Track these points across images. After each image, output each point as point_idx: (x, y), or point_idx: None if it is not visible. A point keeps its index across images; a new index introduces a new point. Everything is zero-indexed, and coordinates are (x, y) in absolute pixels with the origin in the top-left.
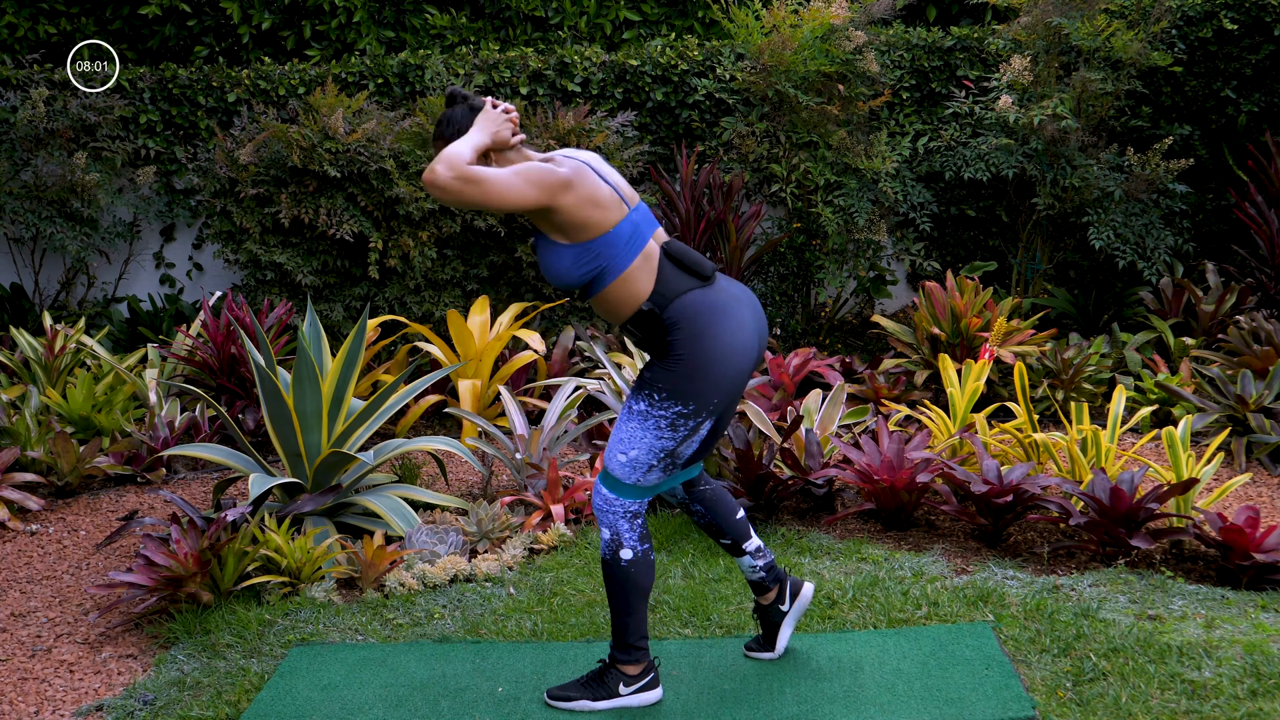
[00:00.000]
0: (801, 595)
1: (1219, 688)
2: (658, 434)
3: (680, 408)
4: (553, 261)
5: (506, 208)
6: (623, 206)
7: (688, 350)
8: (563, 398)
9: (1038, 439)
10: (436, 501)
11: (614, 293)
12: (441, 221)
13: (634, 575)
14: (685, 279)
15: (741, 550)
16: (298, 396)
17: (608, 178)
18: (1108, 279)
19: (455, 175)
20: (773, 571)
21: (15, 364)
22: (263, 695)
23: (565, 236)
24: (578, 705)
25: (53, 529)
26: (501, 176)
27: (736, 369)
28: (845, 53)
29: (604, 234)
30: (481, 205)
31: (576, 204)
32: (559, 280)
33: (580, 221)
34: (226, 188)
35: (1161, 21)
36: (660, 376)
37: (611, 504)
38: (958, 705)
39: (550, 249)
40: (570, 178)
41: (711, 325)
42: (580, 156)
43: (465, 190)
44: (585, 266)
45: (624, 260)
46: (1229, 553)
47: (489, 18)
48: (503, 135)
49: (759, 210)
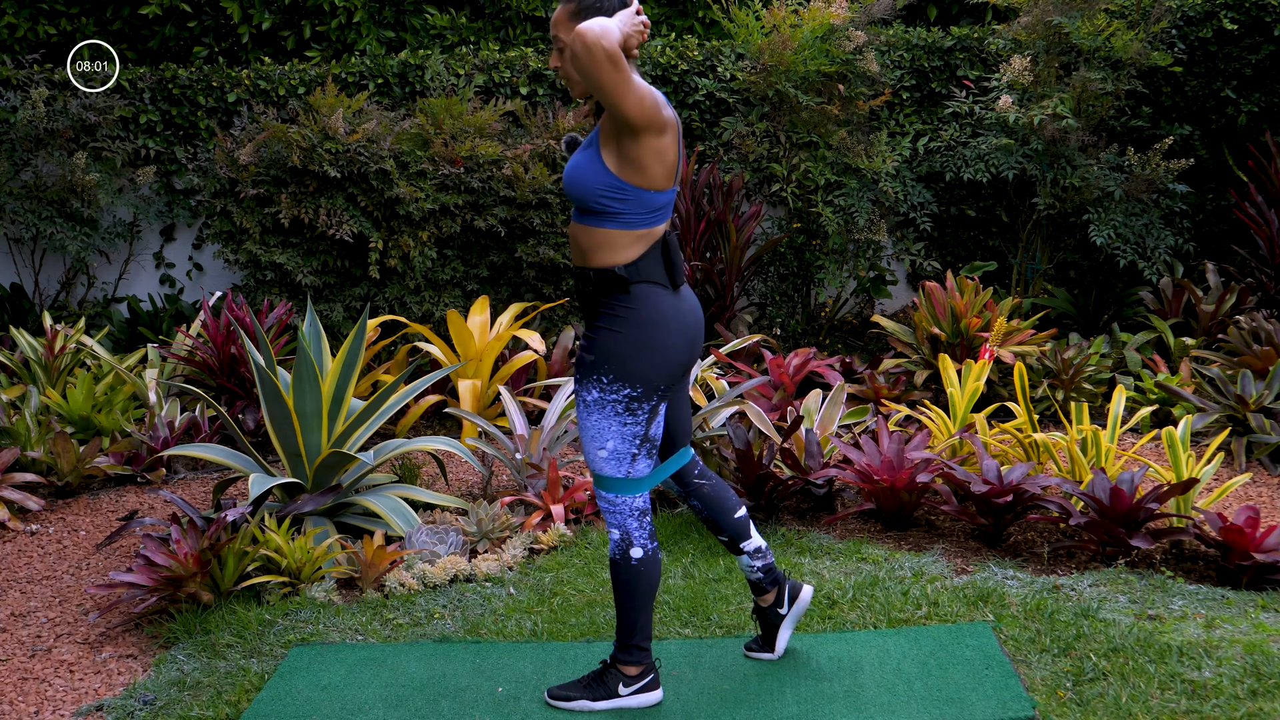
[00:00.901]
0: (800, 598)
1: (1219, 688)
2: (620, 420)
3: (629, 390)
4: (588, 172)
5: (616, 104)
6: (673, 179)
7: (622, 329)
8: (563, 398)
9: (1038, 439)
10: (436, 501)
11: (603, 236)
12: (441, 221)
13: (644, 574)
14: (661, 274)
15: (739, 549)
16: (298, 396)
17: (680, 147)
18: (1108, 279)
19: (607, 45)
20: (771, 574)
21: (15, 364)
22: (263, 695)
23: (618, 163)
24: (577, 705)
25: (53, 529)
26: (633, 77)
27: (675, 355)
28: (845, 53)
29: (645, 189)
30: (601, 86)
31: (654, 149)
32: (577, 190)
33: (643, 163)
34: (226, 188)
35: (1161, 21)
36: (601, 358)
37: (615, 504)
38: (958, 705)
39: (594, 162)
40: (669, 122)
41: (658, 321)
42: (675, 114)
43: (604, 65)
44: (609, 197)
45: (637, 222)
46: (1229, 553)
47: (489, 18)
48: (632, 42)
49: (759, 210)
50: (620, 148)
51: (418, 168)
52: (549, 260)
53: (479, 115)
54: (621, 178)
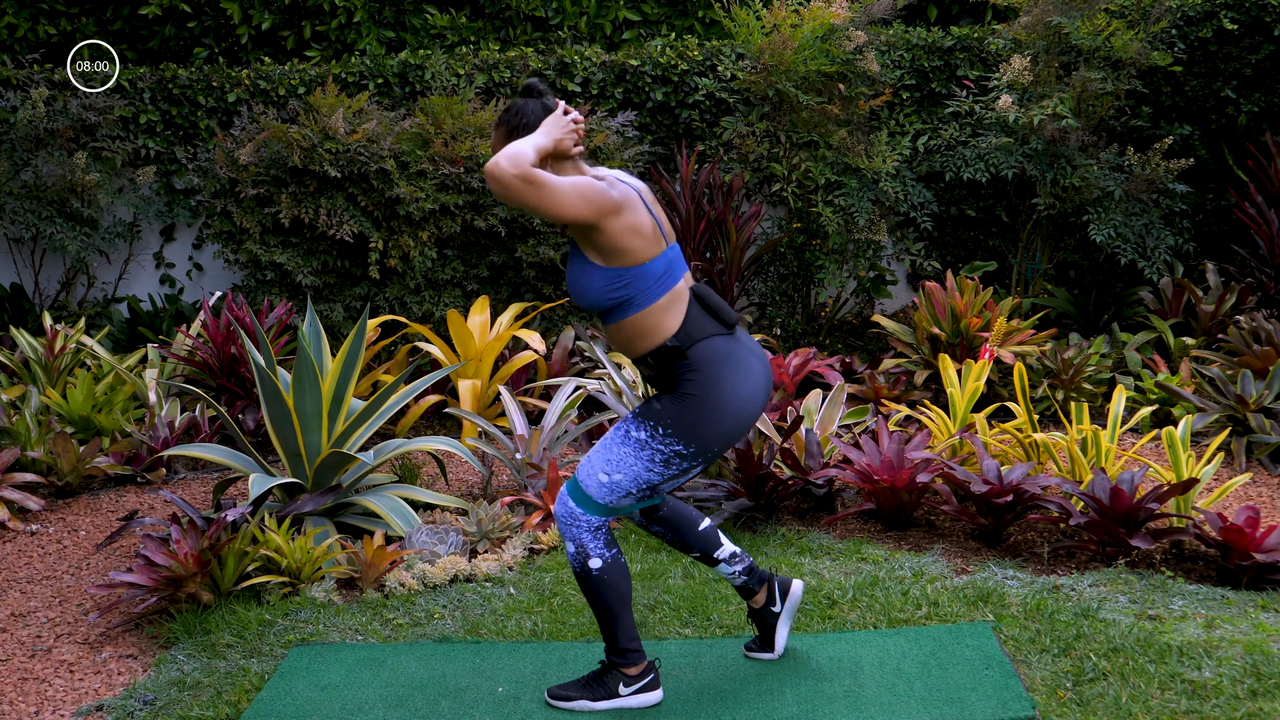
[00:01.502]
0: (791, 593)
1: (1219, 688)
2: (648, 466)
3: (680, 447)
4: (583, 280)
5: (556, 216)
6: (661, 242)
7: (701, 391)
8: (563, 398)
9: (1038, 439)
10: (436, 501)
11: (634, 324)
12: (441, 221)
13: (609, 581)
14: (711, 323)
15: (715, 560)
16: (298, 396)
17: (653, 210)
18: (1108, 279)
19: (517, 173)
20: (755, 574)
21: (15, 364)
22: (263, 695)
23: (602, 258)
24: (578, 705)
25: (53, 529)
26: (559, 184)
27: (743, 419)
28: (845, 52)
29: (639, 264)
30: (533, 208)
31: (620, 229)
32: (584, 299)
33: (620, 247)
34: (226, 188)
35: (1161, 21)
36: (670, 412)
37: (576, 518)
38: (958, 705)
39: (583, 267)
40: (620, 202)
41: (729, 372)
42: (632, 183)
43: (524, 190)
44: (614, 292)
45: (653, 294)
46: (1229, 553)
47: (489, 18)
48: (565, 144)
49: (759, 210)
50: (594, 244)
51: (418, 167)
52: (549, 260)
53: (479, 115)
54: (613, 267)
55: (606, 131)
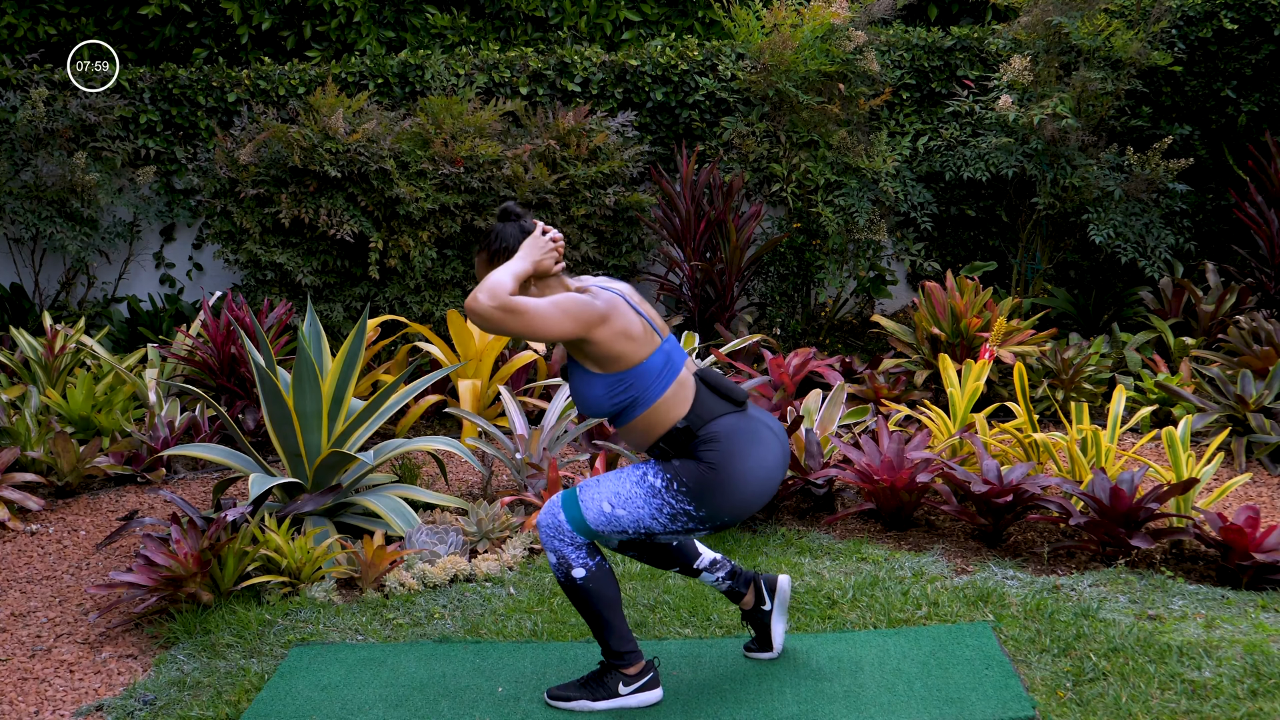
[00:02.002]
0: (779, 590)
1: (1219, 688)
2: (654, 515)
3: (691, 509)
4: (585, 389)
5: (544, 337)
6: (655, 338)
7: (720, 460)
8: (563, 398)
9: (1038, 439)
10: (436, 501)
11: (644, 422)
12: (441, 221)
13: (595, 589)
14: (721, 404)
15: (696, 571)
16: (298, 396)
17: (641, 310)
18: (1108, 279)
19: (497, 305)
20: (739, 577)
21: (15, 364)
22: (263, 695)
23: (599, 366)
24: (577, 705)
25: (53, 529)
26: (540, 308)
27: (760, 491)
28: (845, 52)
29: (636, 365)
30: (519, 334)
31: (610, 337)
32: (590, 408)
33: (614, 354)
34: (226, 188)
35: (1161, 21)
36: (690, 472)
37: (560, 531)
38: (958, 705)
39: (583, 377)
40: (605, 311)
41: (746, 446)
42: (615, 288)
43: (506, 320)
44: (617, 396)
45: (656, 391)
46: (1229, 553)
47: (489, 18)
48: (545, 264)
49: (759, 210)
50: (587, 355)
51: (418, 168)
52: None
53: (479, 115)
54: (611, 373)
55: (606, 132)
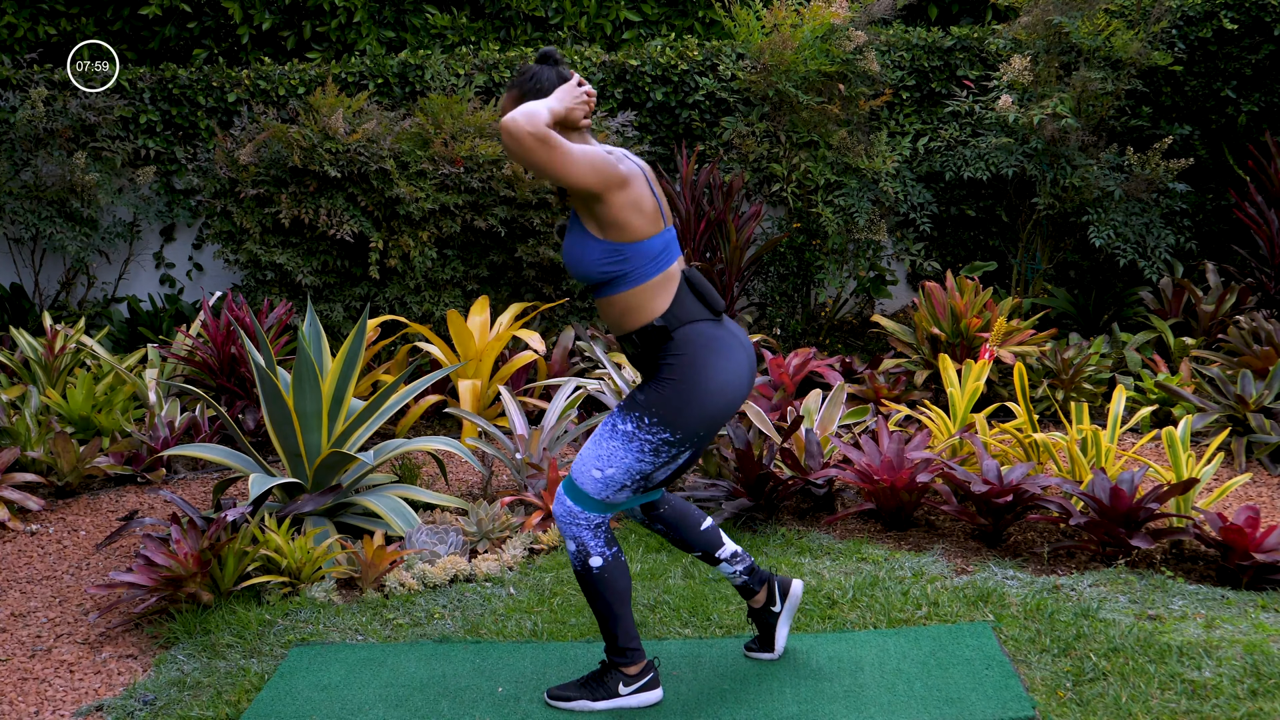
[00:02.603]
0: (791, 593)
1: (1219, 688)
2: (638, 457)
3: (668, 435)
4: (579, 251)
5: (563, 179)
6: (660, 222)
7: (681, 376)
8: (563, 398)
9: (1038, 439)
10: (436, 501)
11: (625, 300)
12: (441, 221)
13: (609, 580)
14: (699, 308)
15: (716, 560)
16: (298, 396)
17: (655, 190)
18: (1108, 279)
19: (533, 131)
20: (755, 574)
21: (15, 364)
22: (263, 695)
23: (601, 231)
24: (577, 705)
25: (53, 529)
26: (570, 149)
27: (727, 403)
28: (845, 52)
29: (637, 241)
30: (542, 168)
31: (622, 204)
32: (578, 269)
33: (621, 221)
34: (226, 188)
35: (1161, 21)
36: (654, 400)
37: (575, 516)
38: (958, 705)
39: (581, 238)
40: (626, 176)
41: (713, 357)
42: (637, 161)
43: (536, 149)
44: (609, 265)
45: (647, 273)
46: (1229, 553)
47: (489, 18)
48: (576, 114)
49: (759, 210)
50: (595, 215)
51: (418, 168)
52: (549, 260)
53: (479, 115)
54: (610, 241)
55: (606, 131)
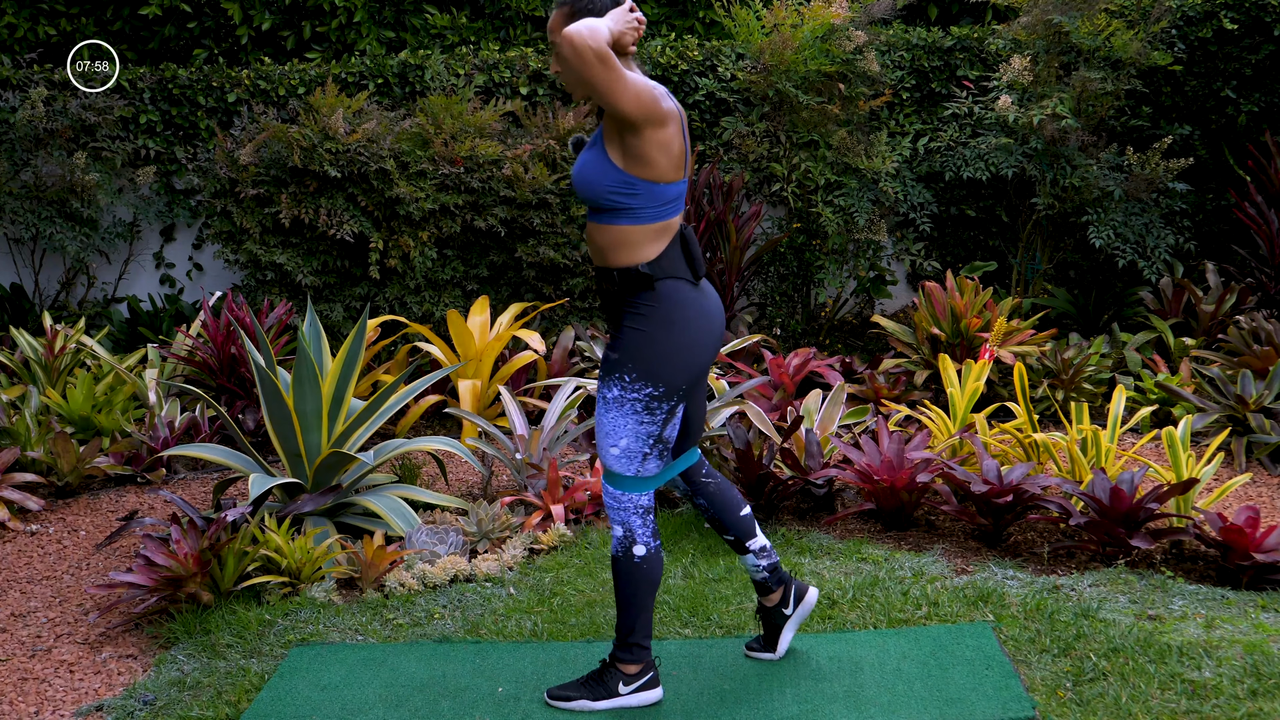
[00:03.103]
0: (805, 600)
1: (1219, 688)
2: (638, 419)
3: (651, 389)
4: (595, 173)
5: (610, 101)
6: (681, 170)
7: (650, 328)
8: (563, 398)
9: (1038, 439)
10: (436, 501)
11: (620, 234)
12: (441, 221)
13: (646, 571)
14: (684, 267)
15: (745, 548)
16: (298, 396)
17: (686, 136)
18: (1108, 279)
19: (595, 47)
20: (776, 573)
21: (15, 364)
22: (263, 695)
23: (624, 160)
24: (577, 705)
25: (53, 529)
26: (624, 73)
27: (694, 360)
28: (846, 52)
29: (655, 181)
30: (592, 85)
31: (656, 141)
32: (588, 190)
33: (648, 157)
34: (226, 188)
35: (1161, 21)
36: (626, 355)
37: (620, 500)
38: (958, 705)
39: (600, 159)
40: (667, 114)
41: (683, 314)
42: (676, 104)
43: (594, 65)
44: (620, 195)
45: (651, 215)
46: (1229, 553)
47: (489, 18)
48: (627, 39)
49: (759, 210)
50: (623, 143)
51: (418, 168)
52: (549, 260)
53: (479, 115)
54: (629, 172)
55: None
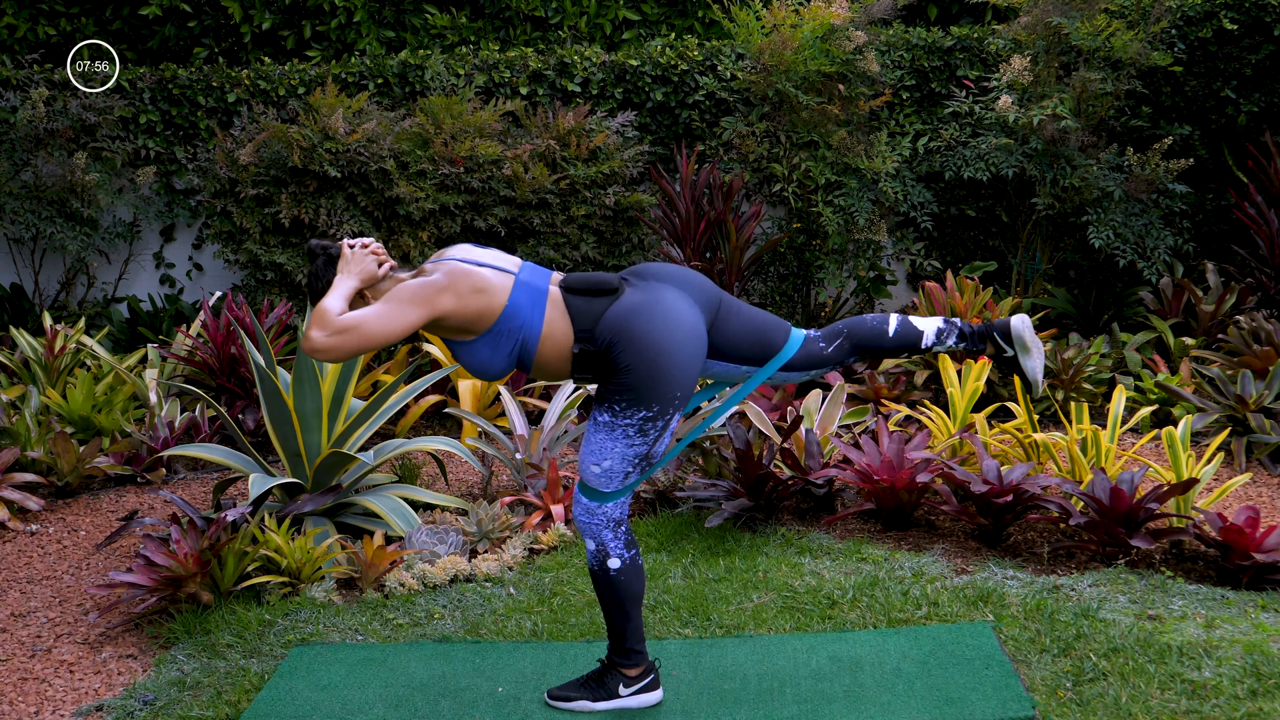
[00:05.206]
0: (1013, 330)
1: (1219, 688)
2: (628, 442)
3: (645, 412)
4: (472, 359)
5: (395, 337)
6: (507, 278)
7: (634, 359)
8: (563, 398)
9: (1038, 439)
10: (436, 501)
11: (545, 355)
12: (441, 221)
13: (625, 583)
14: (596, 301)
15: (926, 349)
16: (298, 396)
17: (482, 260)
18: (1108, 279)
19: (328, 334)
20: (969, 337)
21: (15, 364)
22: (263, 695)
23: (470, 333)
24: (577, 705)
25: (53, 529)
26: (375, 312)
27: (689, 356)
28: (845, 52)
29: (502, 311)
30: (371, 346)
31: (461, 302)
32: (489, 373)
33: (474, 313)
34: (226, 188)
35: (1161, 21)
36: (617, 389)
37: (594, 513)
38: (958, 705)
39: (465, 349)
40: (444, 282)
41: (646, 325)
42: (448, 254)
43: (346, 341)
44: (503, 349)
45: (535, 323)
46: (1229, 553)
47: (489, 18)
48: (370, 270)
49: (759, 210)
50: (453, 329)
51: (418, 168)
52: (549, 260)
53: (479, 115)
54: (483, 332)
55: (606, 132)
